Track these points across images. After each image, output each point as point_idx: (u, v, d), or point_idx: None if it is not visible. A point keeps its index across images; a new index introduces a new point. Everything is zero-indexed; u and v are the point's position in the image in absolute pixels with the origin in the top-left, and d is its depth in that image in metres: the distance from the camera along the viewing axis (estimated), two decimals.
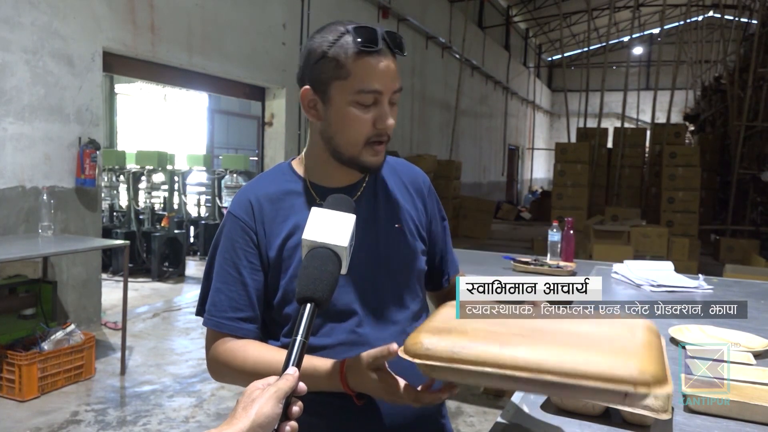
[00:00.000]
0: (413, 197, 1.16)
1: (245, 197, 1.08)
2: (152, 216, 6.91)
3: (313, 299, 0.80)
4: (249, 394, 0.72)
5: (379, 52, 0.97)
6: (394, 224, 1.11)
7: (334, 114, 1.01)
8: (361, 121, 1.00)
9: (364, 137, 1.01)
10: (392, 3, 9.69)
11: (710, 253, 9.14)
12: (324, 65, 1.00)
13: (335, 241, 0.84)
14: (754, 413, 0.92)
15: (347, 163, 1.04)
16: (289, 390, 0.72)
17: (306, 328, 0.78)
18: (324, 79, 1.00)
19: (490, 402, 3.46)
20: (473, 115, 15.46)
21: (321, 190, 1.08)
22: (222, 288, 1.04)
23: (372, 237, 1.08)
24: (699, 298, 1.83)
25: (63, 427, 2.98)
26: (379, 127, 1.00)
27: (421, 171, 1.24)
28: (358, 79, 0.98)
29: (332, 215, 0.86)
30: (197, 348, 4.34)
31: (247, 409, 0.69)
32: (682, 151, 9.16)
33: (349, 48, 0.97)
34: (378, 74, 0.98)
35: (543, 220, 12.94)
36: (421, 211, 1.17)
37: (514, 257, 3.16)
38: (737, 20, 12.72)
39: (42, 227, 3.77)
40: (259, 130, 7.43)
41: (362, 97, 0.98)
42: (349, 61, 0.97)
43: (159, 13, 5.14)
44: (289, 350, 0.77)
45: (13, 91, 3.94)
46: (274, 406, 0.70)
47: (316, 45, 1.01)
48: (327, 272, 0.82)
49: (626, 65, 12.01)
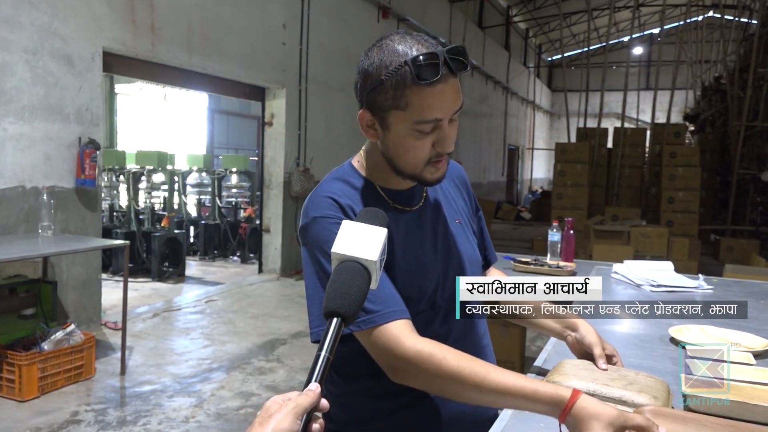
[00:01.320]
0: (461, 192, 1.22)
1: (326, 199, 1.04)
2: (152, 216, 6.91)
3: (339, 313, 0.77)
4: (267, 409, 0.69)
5: (441, 80, 0.94)
6: (455, 220, 1.15)
7: (392, 140, 1.01)
8: (421, 147, 0.99)
9: (424, 160, 1.01)
10: (392, 3, 9.68)
11: (710, 253, 9.14)
12: (381, 94, 0.98)
13: (365, 255, 0.81)
14: (754, 413, 0.92)
15: (407, 178, 1.06)
16: (309, 406, 0.68)
17: (331, 343, 0.74)
18: (382, 107, 0.99)
19: None
20: (473, 115, 15.46)
21: (390, 192, 1.09)
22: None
23: (443, 234, 1.11)
24: (699, 298, 1.83)
25: (63, 427, 2.98)
26: (438, 149, 1.00)
27: (460, 165, 1.29)
28: (417, 110, 0.96)
29: (364, 228, 0.84)
30: (197, 348, 4.34)
31: (264, 425, 0.66)
32: (682, 151, 9.16)
33: (407, 79, 0.94)
34: (438, 104, 0.95)
35: (543, 220, 12.94)
36: (469, 204, 1.22)
37: (514, 257, 3.15)
38: (737, 20, 12.71)
39: (42, 227, 3.77)
40: (259, 130, 7.44)
41: (422, 127, 0.97)
42: (408, 92, 0.95)
43: (159, 13, 5.14)
44: (312, 365, 0.73)
45: (13, 91, 3.93)
46: (291, 423, 0.66)
47: (373, 70, 0.98)
48: (355, 287, 0.79)
49: (626, 65, 12.02)
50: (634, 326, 1.49)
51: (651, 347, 1.31)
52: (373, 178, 1.09)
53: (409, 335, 0.95)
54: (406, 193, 1.10)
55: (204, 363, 4.03)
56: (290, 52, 7.00)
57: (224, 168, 8.02)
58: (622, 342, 1.36)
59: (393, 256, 1.03)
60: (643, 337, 1.38)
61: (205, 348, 4.35)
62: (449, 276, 1.08)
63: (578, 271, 2.93)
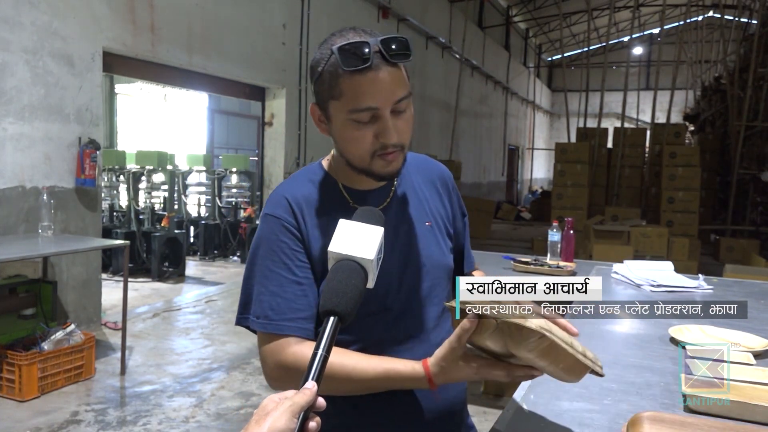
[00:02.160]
0: (440, 194, 1.17)
1: (281, 198, 1.06)
2: (152, 216, 6.91)
3: (336, 312, 0.78)
4: (263, 407, 0.69)
5: (371, 67, 0.93)
6: (424, 222, 1.12)
7: (336, 132, 1.02)
8: (361, 138, 0.98)
9: (368, 152, 0.99)
10: (392, 3, 9.69)
11: (710, 253, 9.14)
12: (320, 85, 1.00)
13: (362, 254, 0.82)
14: (754, 413, 0.92)
15: (362, 173, 1.04)
16: (306, 405, 0.69)
17: (328, 341, 0.76)
18: (323, 98, 1.01)
19: (490, 402, 3.46)
20: (473, 115, 15.46)
21: (353, 192, 1.08)
22: (277, 291, 1.02)
23: (404, 236, 1.09)
24: (699, 298, 1.83)
25: (63, 427, 2.98)
26: (382, 141, 0.98)
27: (444, 167, 1.24)
28: (348, 98, 0.96)
29: (360, 227, 0.85)
30: (197, 348, 4.34)
31: (260, 423, 0.67)
32: (682, 151, 9.16)
33: (337, 68, 0.95)
34: (370, 91, 0.94)
35: (543, 220, 12.94)
36: (448, 208, 1.18)
37: (514, 257, 3.16)
38: (737, 20, 12.71)
39: (42, 227, 3.77)
40: (259, 130, 7.44)
41: (357, 116, 0.96)
42: (339, 81, 0.95)
43: (159, 13, 5.14)
44: (309, 364, 0.74)
45: (13, 91, 3.93)
46: (288, 421, 0.67)
47: (314, 63, 1.01)
48: (351, 285, 0.80)
49: (626, 65, 12.02)
50: (634, 326, 1.49)
51: (651, 347, 1.31)
52: (339, 177, 1.09)
53: (286, 350, 0.99)
54: (370, 193, 1.09)
55: (204, 363, 4.03)
56: (290, 52, 7.00)
57: (224, 168, 8.02)
58: (622, 342, 1.37)
59: None
60: (643, 337, 1.38)
61: (205, 348, 4.35)
62: (405, 279, 1.06)
63: (578, 271, 2.93)
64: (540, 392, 1.05)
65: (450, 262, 1.15)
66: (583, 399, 1.02)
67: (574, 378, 0.87)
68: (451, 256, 1.16)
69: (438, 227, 1.13)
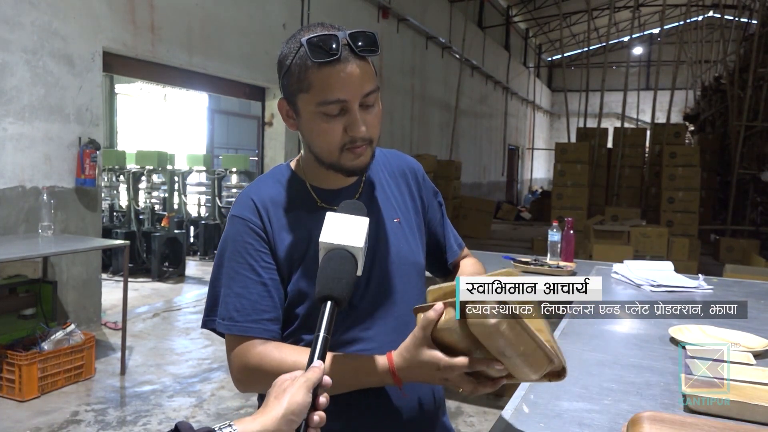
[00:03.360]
0: (410, 187, 1.17)
1: (248, 199, 1.06)
2: (152, 216, 6.91)
3: (332, 297, 0.82)
4: (280, 385, 0.75)
5: (340, 60, 0.94)
6: (393, 219, 1.11)
7: (304, 125, 1.01)
8: (330, 131, 0.98)
9: (337, 146, 0.99)
10: (392, 3, 9.69)
11: (710, 253, 9.14)
12: (289, 78, 0.99)
13: (351, 242, 0.86)
14: (754, 413, 0.92)
15: (328, 168, 1.04)
16: (317, 381, 0.75)
17: (328, 324, 0.80)
18: (291, 92, 1.00)
19: (490, 402, 3.46)
20: (473, 115, 15.46)
21: (320, 192, 1.08)
22: (242, 292, 1.02)
23: (373, 234, 1.07)
24: (699, 298, 1.83)
25: (63, 427, 2.98)
26: (351, 134, 0.98)
27: (413, 159, 1.23)
28: (318, 90, 0.96)
29: (347, 219, 0.89)
30: (197, 348, 4.34)
31: (279, 398, 0.72)
32: (682, 151, 9.16)
33: (305, 60, 0.95)
34: (339, 83, 0.95)
35: (543, 220, 12.95)
36: (418, 201, 1.17)
37: (514, 257, 3.16)
38: (737, 20, 12.71)
39: (42, 227, 3.77)
40: (259, 130, 7.44)
41: (326, 108, 0.97)
42: (308, 73, 0.96)
43: (159, 13, 5.14)
44: (312, 346, 0.79)
45: (13, 91, 3.93)
46: (305, 395, 0.73)
47: (282, 57, 1.01)
48: (345, 271, 0.84)
49: (626, 65, 12.01)
50: (634, 326, 1.49)
51: (651, 347, 1.31)
52: (307, 177, 1.09)
53: (250, 351, 1.00)
54: (338, 192, 1.08)
55: (204, 363, 4.03)
56: None
57: (224, 168, 8.02)
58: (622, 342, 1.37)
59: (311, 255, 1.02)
60: (643, 337, 1.38)
61: (205, 348, 4.35)
62: (372, 278, 1.06)
63: (578, 271, 2.93)
64: (540, 392, 1.05)
65: (420, 259, 1.14)
66: (583, 399, 1.02)
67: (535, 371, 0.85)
68: (422, 253, 1.15)
69: (408, 223, 1.13)
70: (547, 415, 0.96)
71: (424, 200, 1.18)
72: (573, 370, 1.14)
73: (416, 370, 0.90)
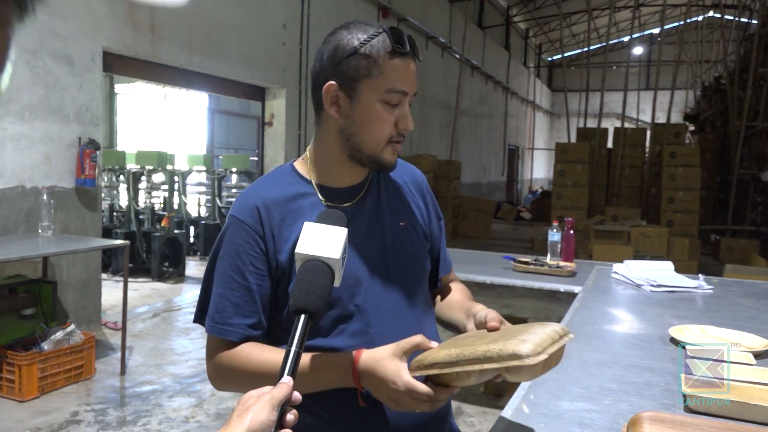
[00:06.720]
0: (416, 196, 1.17)
1: (250, 201, 1.05)
2: (152, 216, 6.91)
3: (306, 310, 0.81)
4: (244, 402, 0.72)
5: (407, 55, 1.00)
6: (399, 222, 1.10)
7: (360, 111, 1.01)
8: (387, 120, 1.01)
9: (388, 136, 1.02)
10: (392, 3, 9.69)
11: (710, 253, 9.14)
12: (355, 62, 0.99)
13: (328, 253, 0.85)
14: (754, 413, 0.92)
15: (365, 161, 1.04)
16: (284, 398, 0.72)
17: (300, 339, 0.79)
18: (353, 76, 1.00)
19: (490, 402, 3.46)
20: (473, 115, 15.46)
21: (327, 190, 1.07)
22: (226, 294, 1.02)
23: (378, 235, 1.07)
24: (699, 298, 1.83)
25: (63, 427, 2.98)
26: (400, 128, 1.02)
27: (418, 170, 1.24)
28: (389, 78, 0.99)
29: (325, 229, 0.87)
30: (197, 348, 4.34)
31: (242, 416, 0.69)
32: (682, 151, 9.16)
33: (383, 47, 0.99)
34: (406, 76, 1.01)
35: (543, 220, 12.95)
36: (423, 210, 1.17)
37: (514, 257, 3.16)
38: (737, 20, 12.71)
39: (42, 227, 3.77)
40: (259, 130, 7.44)
41: (391, 97, 1.00)
42: (383, 59, 0.99)
43: (159, 13, 5.14)
44: (283, 360, 0.77)
45: (13, 91, 3.93)
46: (269, 414, 0.70)
47: (345, 41, 1.00)
48: (320, 284, 0.82)
49: (626, 65, 12.01)
50: (634, 326, 1.49)
51: (651, 347, 1.31)
52: (314, 176, 1.08)
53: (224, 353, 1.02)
54: (344, 191, 1.08)
55: (204, 363, 4.02)
56: (290, 52, 7.00)
57: (224, 168, 8.02)
58: (622, 342, 1.37)
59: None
60: (643, 337, 1.38)
61: (205, 348, 4.35)
62: (376, 278, 1.05)
63: (578, 271, 2.93)
64: (540, 392, 1.05)
65: (426, 262, 1.13)
66: (583, 399, 1.02)
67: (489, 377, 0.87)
68: (427, 257, 1.14)
69: (413, 228, 1.12)
70: (547, 415, 0.96)
71: (429, 211, 1.19)
72: (573, 370, 1.14)
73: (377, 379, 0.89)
